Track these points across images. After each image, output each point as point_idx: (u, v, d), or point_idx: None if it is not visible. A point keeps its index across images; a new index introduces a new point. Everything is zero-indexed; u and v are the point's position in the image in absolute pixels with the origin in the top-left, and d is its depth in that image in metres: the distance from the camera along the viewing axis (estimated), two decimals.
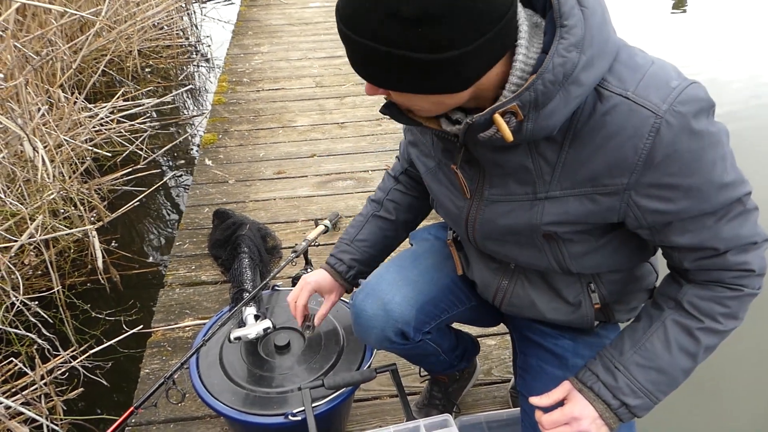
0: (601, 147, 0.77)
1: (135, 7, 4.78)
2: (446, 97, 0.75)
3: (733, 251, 0.83)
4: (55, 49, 3.11)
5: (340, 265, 1.26)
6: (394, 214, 1.26)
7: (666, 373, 0.89)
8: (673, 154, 0.74)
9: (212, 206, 2.57)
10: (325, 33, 4.87)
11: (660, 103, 0.73)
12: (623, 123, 0.74)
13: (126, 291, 2.59)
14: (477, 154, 0.87)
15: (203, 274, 2.20)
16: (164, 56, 5.31)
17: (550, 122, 0.74)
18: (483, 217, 0.94)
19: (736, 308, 0.87)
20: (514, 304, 1.09)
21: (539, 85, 0.71)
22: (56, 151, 2.62)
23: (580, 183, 0.82)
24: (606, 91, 0.75)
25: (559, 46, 0.70)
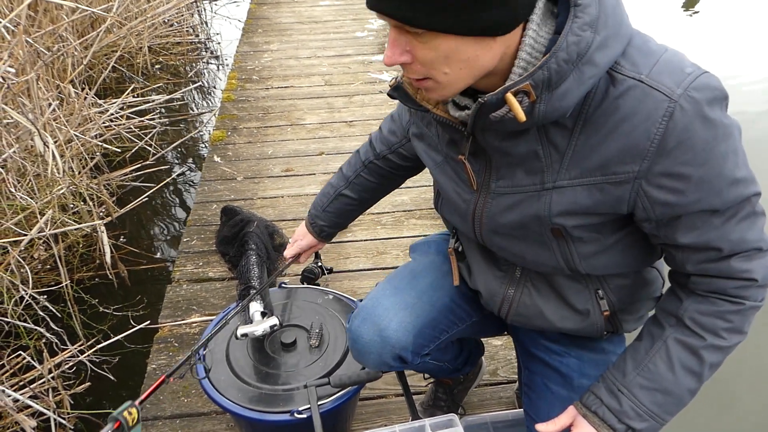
0: (612, 132, 0.75)
1: (146, 4, 4.80)
2: (484, 48, 0.71)
3: (737, 256, 0.81)
4: (66, 45, 3.13)
5: (315, 226, 1.44)
6: (358, 194, 1.37)
7: (671, 394, 0.87)
8: (687, 140, 0.73)
9: (220, 203, 2.58)
10: (334, 31, 4.87)
11: (674, 87, 0.72)
12: (636, 107, 0.73)
13: (133, 286, 2.60)
14: (484, 143, 0.85)
15: (210, 271, 2.20)
16: (174, 53, 5.33)
17: (563, 104, 0.72)
18: (490, 211, 0.92)
19: (740, 322, 0.84)
20: (521, 313, 1.06)
21: (553, 63, 0.69)
22: (66, 146, 2.63)
23: (590, 172, 0.79)
24: (619, 74, 0.74)
25: (574, 24, 0.69)
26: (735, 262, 0.81)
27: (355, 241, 2.38)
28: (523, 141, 0.81)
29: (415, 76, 0.77)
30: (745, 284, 0.82)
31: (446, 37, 0.70)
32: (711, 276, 0.83)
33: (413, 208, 2.59)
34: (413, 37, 0.72)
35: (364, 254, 2.30)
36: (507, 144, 0.82)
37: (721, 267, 0.82)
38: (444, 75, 0.74)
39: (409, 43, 0.73)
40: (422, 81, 0.78)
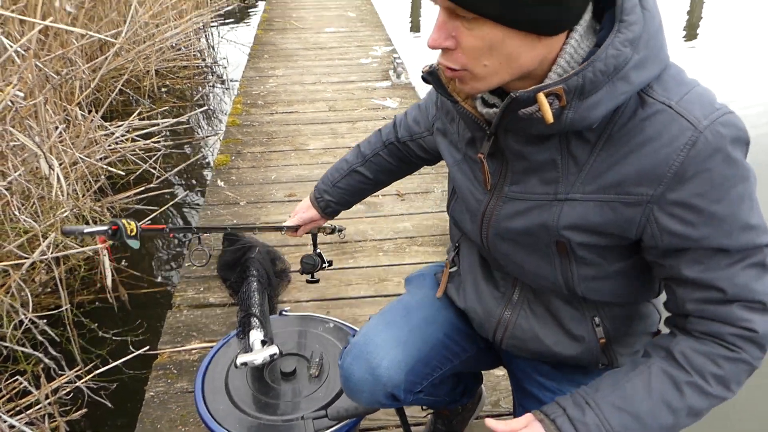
0: (633, 152, 0.75)
1: (154, 29, 4.88)
2: (528, 46, 0.72)
3: (739, 303, 0.77)
4: (74, 69, 3.17)
5: (320, 201, 1.40)
6: (374, 174, 1.34)
7: (642, 423, 0.80)
8: (705, 172, 0.72)
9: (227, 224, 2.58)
10: (339, 58, 4.93)
11: (701, 118, 0.72)
12: (661, 130, 0.73)
13: (134, 310, 2.59)
14: (504, 145, 0.85)
15: (211, 296, 2.20)
16: (181, 77, 5.39)
17: (591, 114, 0.73)
18: (500, 214, 0.91)
19: (730, 373, 0.79)
20: (517, 336, 1.04)
21: (589, 72, 0.70)
22: (71, 168, 2.65)
23: (604, 188, 0.78)
24: (649, 98, 0.74)
25: (616, 39, 0.70)
26: (736, 309, 0.77)
27: (356, 268, 2.37)
28: (543, 148, 0.81)
29: (454, 65, 0.76)
30: (744, 333, 0.78)
31: (495, 26, 0.70)
32: (710, 319, 0.80)
33: (415, 235, 2.58)
34: (462, 23, 0.72)
35: (365, 281, 2.29)
36: (527, 149, 0.82)
37: (722, 311, 0.78)
38: (483, 67, 0.74)
39: (456, 29, 0.73)
40: (458, 71, 0.77)
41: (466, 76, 0.77)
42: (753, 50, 6.69)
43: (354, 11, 6.63)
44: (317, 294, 2.21)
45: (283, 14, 6.45)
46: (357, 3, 7.04)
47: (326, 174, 1.41)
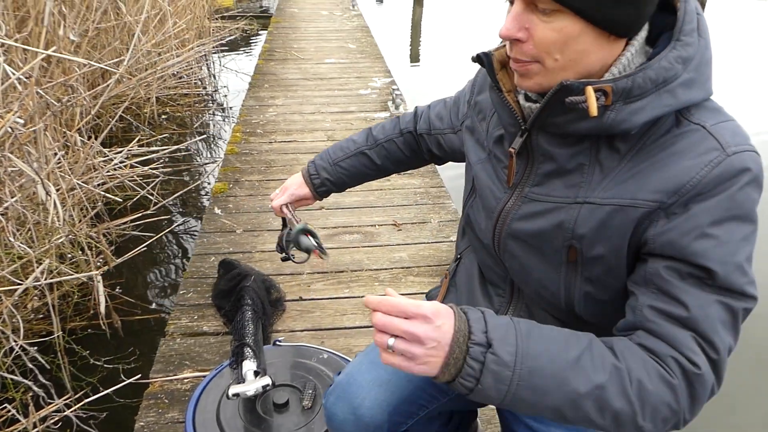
0: (658, 162, 0.77)
1: (156, 57, 4.94)
2: (597, 45, 0.75)
3: (695, 334, 0.73)
4: (76, 96, 3.19)
5: (316, 177, 1.31)
6: (381, 160, 1.30)
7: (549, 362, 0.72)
8: (720, 195, 0.73)
9: (219, 255, 2.57)
10: (339, 88, 4.99)
11: (731, 144, 0.73)
12: (690, 146, 0.75)
13: (126, 338, 2.57)
14: (536, 144, 0.85)
15: (205, 325, 2.18)
16: (181, 104, 5.44)
17: (632, 119, 0.74)
18: (516, 213, 0.91)
19: (654, 394, 0.72)
20: None
21: (639, 77, 0.73)
22: (68, 194, 2.65)
23: (622, 194, 0.79)
24: (685, 119, 0.77)
25: (670, 54, 0.74)
26: (690, 338, 0.73)
27: (351, 298, 2.36)
28: (573, 151, 0.82)
29: (523, 56, 0.77)
30: (686, 365, 0.73)
31: (575, 20, 0.72)
32: (659, 336, 0.75)
33: (411, 265, 2.58)
34: (538, 15, 0.74)
35: (361, 311, 2.28)
36: (558, 150, 0.83)
37: (674, 332, 0.74)
38: (554, 61, 0.76)
39: (530, 21, 0.74)
40: (527, 64, 0.78)
41: (534, 69, 0.78)
42: (749, 79, 6.82)
43: (354, 43, 6.73)
44: (312, 324, 2.20)
45: (284, 45, 6.54)
46: (357, 35, 7.15)
47: (326, 152, 1.34)
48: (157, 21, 5.09)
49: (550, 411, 0.74)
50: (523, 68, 0.79)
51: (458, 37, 9.19)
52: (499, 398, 0.72)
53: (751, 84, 6.92)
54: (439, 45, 9.20)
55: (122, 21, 4.51)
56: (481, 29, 9.38)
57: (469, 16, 10.60)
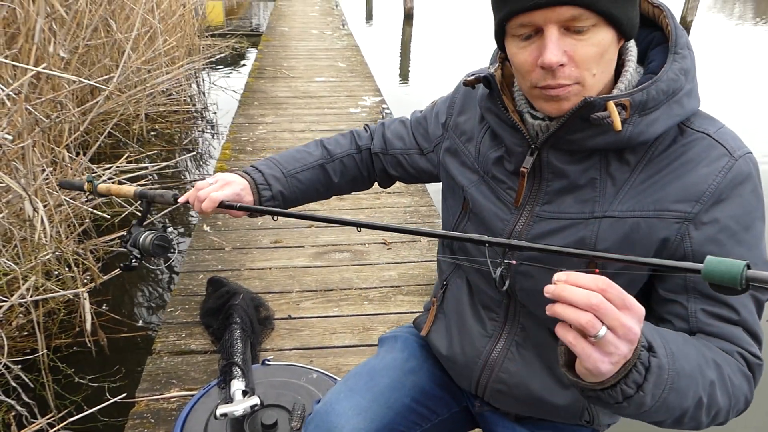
0: (673, 172, 0.79)
1: (146, 74, 4.95)
2: (615, 51, 0.78)
3: (745, 329, 0.78)
4: (65, 112, 3.19)
5: (265, 189, 1.11)
6: (338, 177, 1.19)
7: (685, 362, 0.70)
8: (738, 197, 0.77)
9: (207, 273, 2.56)
10: (328, 107, 5.02)
11: (736, 149, 0.79)
12: (701, 153, 0.78)
13: (112, 355, 2.54)
14: (546, 162, 0.86)
15: (193, 343, 2.16)
16: (170, 121, 5.44)
17: (648, 130, 0.78)
18: (529, 234, 0.89)
19: (738, 387, 0.75)
20: (503, 380, 1.01)
21: (653, 90, 0.76)
22: (56, 210, 2.63)
23: (643, 206, 0.80)
24: (688, 128, 0.81)
25: (674, 65, 0.78)
26: (743, 333, 0.78)
27: (341, 316, 2.35)
28: (584, 167, 0.83)
29: (568, 81, 0.77)
30: (749, 357, 0.78)
31: (608, 29, 0.75)
32: (719, 336, 0.79)
33: (401, 284, 2.58)
34: (573, 37, 0.75)
35: (350, 330, 2.27)
36: (568, 167, 0.84)
37: (731, 330, 0.78)
38: (593, 77, 0.77)
39: (567, 44, 0.75)
40: (568, 87, 0.77)
41: (573, 91, 0.78)
42: (733, 98, 6.96)
43: (344, 62, 6.79)
44: (301, 342, 2.19)
45: (274, 63, 6.58)
46: (347, 54, 7.22)
47: (271, 160, 1.15)
48: (147, 38, 5.11)
49: (678, 414, 0.71)
50: (565, 91, 0.78)
51: (447, 56, 9.29)
52: (651, 404, 0.67)
53: (739, 105, 7.06)
54: (428, 64, 9.30)
55: (112, 38, 4.52)
56: (470, 49, 9.51)
57: (457, 35, 10.73)
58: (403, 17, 13.10)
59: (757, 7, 18.15)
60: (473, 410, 1.14)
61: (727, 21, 14.76)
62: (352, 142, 1.21)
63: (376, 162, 1.21)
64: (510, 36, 0.80)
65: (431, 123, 1.13)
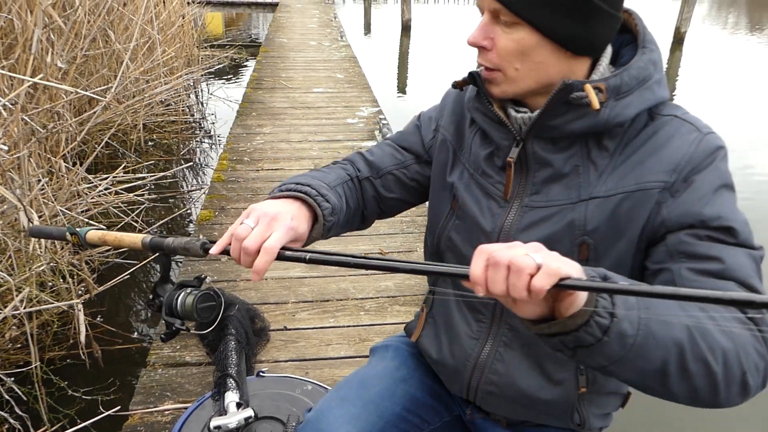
0: (648, 149, 0.85)
1: (144, 84, 4.96)
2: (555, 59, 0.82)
3: (737, 282, 0.76)
4: (62, 122, 3.19)
5: (322, 200, 0.91)
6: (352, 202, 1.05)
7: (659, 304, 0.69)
8: (711, 167, 0.82)
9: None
10: (326, 117, 5.03)
11: (703, 127, 0.85)
12: (671, 131, 0.84)
13: (106, 367, 2.52)
14: (531, 153, 0.89)
15: (188, 355, 2.14)
16: (168, 131, 5.45)
17: (624, 112, 0.83)
18: (520, 224, 0.92)
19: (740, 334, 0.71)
20: (493, 381, 1.01)
21: (625, 76, 0.82)
22: (51, 221, 2.62)
23: (625, 183, 0.85)
24: (658, 114, 0.87)
25: (643, 56, 0.84)
26: (734, 287, 0.75)
27: (337, 327, 2.34)
28: (567, 155, 0.88)
29: (488, 63, 0.85)
30: None
31: (532, 32, 0.80)
32: None
33: (397, 294, 2.57)
34: (501, 27, 0.82)
35: (346, 341, 2.26)
36: (553, 156, 0.88)
37: (720, 285, 0.76)
38: (514, 70, 0.84)
39: (494, 32, 0.83)
40: (492, 71, 0.86)
41: (499, 77, 0.86)
42: (727, 104, 6.99)
43: (342, 73, 6.81)
44: (296, 354, 2.17)
45: (272, 74, 6.60)
46: (345, 65, 7.24)
47: (307, 177, 0.99)
48: (146, 49, 5.13)
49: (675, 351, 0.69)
50: (490, 75, 0.87)
51: (444, 67, 9.33)
52: (633, 333, 0.66)
53: (734, 114, 7.09)
54: (425, 75, 9.34)
55: (111, 48, 4.54)
56: (466, 60, 9.56)
57: (454, 47, 10.78)
58: (400, 29, 13.18)
59: (750, 17, 18.31)
60: (465, 418, 1.14)
61: (721, 31, 14.88)
62: (343, 173, 1.08)
63: (366, 189, 1.10)
64: None
65: (423, 127, 1.12)
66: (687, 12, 11.42)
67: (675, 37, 11.58)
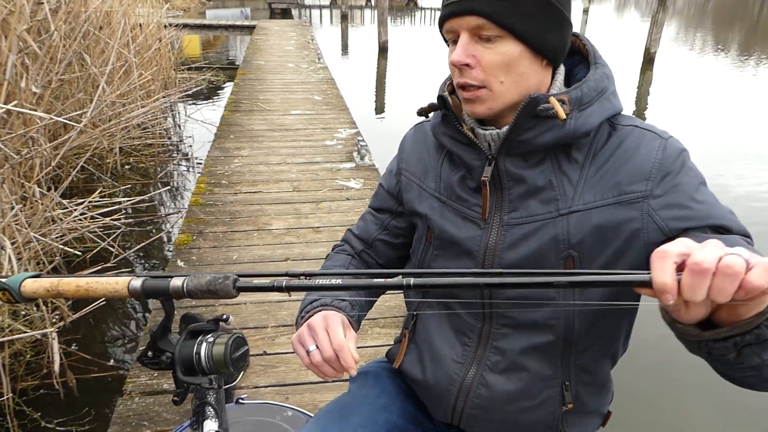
0: (618, 159, 0.88)
1: (121, 107, 4.93)
2: (534, 68, 0.87)
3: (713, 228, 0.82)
4: (36, 147, 3.15)
5: (340, 302, 1.01)
6: None
7: None
8: (681, 167, 0.86)
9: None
10: (304, 139, 5.04)
11: (662, 133, 0.90)
12: (637, 141, 0.88)
13: (81, 396, 2.47)
14: (503, 170, 0.91)
15: (165, 382, 2.11)
16: (145, 154, 5.41)
17: (588, 122, 0.87)
18: (504, 243, 0.92)
19: None
20: (478, 405, 1.01)
21: (585, 87, 0.87)
22: (24, 248, 2.58)
23: (603, 194, 0.87)
24: (618, 124, 0.91)
25: (597, 71, 0.89)
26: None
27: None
28: (539, 170, 0.90)
29: (474, 81, 0.87)
30: None
31: (515, 43, 0.84)
32: None
33: (377, 316, 2.57)
34: (482, 44, 0.85)
35: None
36: (526, 172, 0.90)
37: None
38: (500, 84, 0.86)
39: (476, 50, 0.86)
40: (477, 89, 0.87)
41: (484, 94, 0.88)
42: (697, 120, 7.18)
43: (320, 95, 6.85)
44: (276, 379, 2.15)
45: (250, 96, 6.61)
46: (323, 87, 7.29)
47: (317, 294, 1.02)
48: (122, 72, 5.11)
49: None
50: (474, 94, 0.88)
51: (421, 87, 9.44)
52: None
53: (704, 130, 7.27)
54: (402, 96, 9.43)
55: (87, 72, 4.51)
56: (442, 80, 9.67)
57: (431, 67, 10.92)
58: (378, 50, 13.33)
59: (716, 37, 18.89)
60: None
61: (689, 51, 15.31)
62: (342, 257, 1.15)
63: (368, 261, 1.16)
64: (448, 42, 0.92)
65: (386, 182, 1.15)
66: (656, 33, 11.73)
67: (645, 58, 11.87)
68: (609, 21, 25.44)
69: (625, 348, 1.03)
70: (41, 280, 0.74)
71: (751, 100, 9.55)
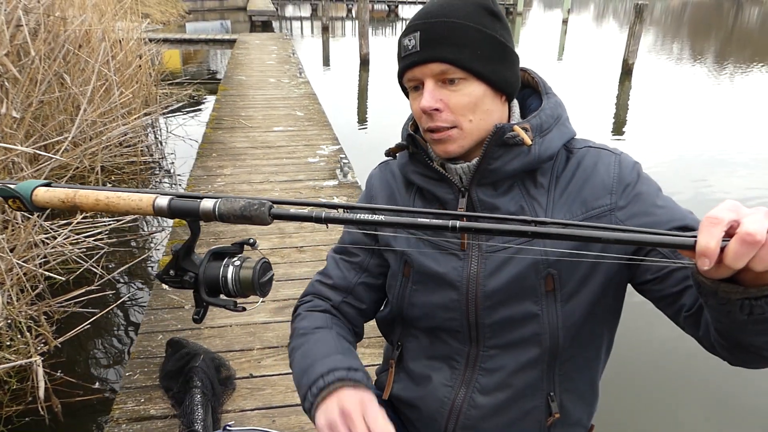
0: (580, 179, 0.95)
1: (102, 126, 4.92)
2: (496, 105, 0.94)
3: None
4: (17, 175, 3.15)
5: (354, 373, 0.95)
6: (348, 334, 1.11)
7: None
8: (637, 178, 0.93)
9: (167, 333, 2.54)
10: (287, 157, 5.07)
11: (614, 150, 0.97)
12: (594, 159, 0.96)
13: (67, 421, 2.47)
14: (476, 200, 0.96)
15: (152, 408, 2.13)
16: (127, 172, 5.40)
17: (551, 146, 0.94)
18: (486, 271, 0.97)
19: None
20: (468, 426, 1.05)
21: (542, 115, 0.94)
22: (7, 275, 2.58)
23: (572, 212, 0.94)
24: (574, 148, 0.98)
25: (549, 100, 0.97)
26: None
27: None
28: (510, 197, 0.96)
29: (445, 123, 0.92)
30: None
31: (478, 84, 0.91)
32: None
33: None
34: (447, 87, 0.91)
35: None
36: (496, 200, 0.96)
37: None
38: (469, 122, 0.92)
39: (442, 94, 0.91)
40: (448, 131, 0.93)
41: (455, 134, 0.93)
42: (677, 134, 7.33)
43: (302, 110, 6.88)
44: (263, 402, 2.18)
45: (232, 113, 6.63)
46: (305, 102, 7.33)
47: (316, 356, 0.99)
48: (102, 91, 5.11)
49: None
50: (445, 135, 0.93)
51: (403, 100, 9.49)
52: None
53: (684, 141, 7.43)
54: (385, 108, 9.49)
55: (67, 93, 4.51)
56: None
57: None
58: (359, 62, 13.41)
59: (693, 47, 19.28)
60: None
61: (667, 61, 15.61)
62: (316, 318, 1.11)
63: (347, 312, 1.14)
64: (409, 90, 0.97)
65: (355, 236, 1.13)
66: (633, 45, 11.96)
67: (623, 69, 12.10)
68: (588, 31, 25.84)
69: (607, 356, 1.07)
70: (55, 189, 0.72)
71: (729, 107, 9.79)
